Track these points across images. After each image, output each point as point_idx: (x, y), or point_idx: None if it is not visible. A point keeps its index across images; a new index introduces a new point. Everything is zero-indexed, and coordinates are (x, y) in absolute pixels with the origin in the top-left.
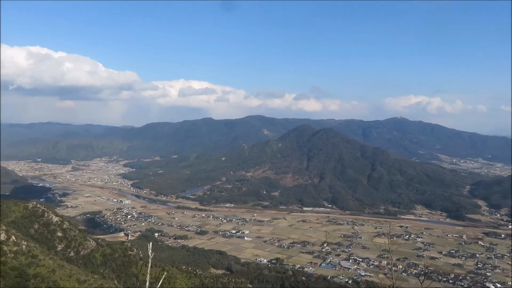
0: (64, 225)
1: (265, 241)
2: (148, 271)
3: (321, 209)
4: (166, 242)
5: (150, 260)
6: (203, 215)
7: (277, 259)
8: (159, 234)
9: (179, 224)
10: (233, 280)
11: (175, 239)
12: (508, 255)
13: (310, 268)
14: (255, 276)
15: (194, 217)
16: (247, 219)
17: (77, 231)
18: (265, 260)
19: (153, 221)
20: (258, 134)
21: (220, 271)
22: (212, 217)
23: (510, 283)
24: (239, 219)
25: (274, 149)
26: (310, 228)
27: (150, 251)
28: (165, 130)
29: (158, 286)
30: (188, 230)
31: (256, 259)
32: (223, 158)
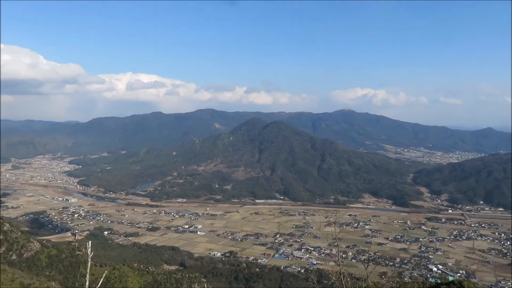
0: (5, 227)
1: (218, 235)
2: (88, 270)
3: (273, 201)
4: (117, 240)
5: (89, 259)
6: (155, 211)
7: (230, 252)
8: (109, 232)
9: (129, 221)
10: (187, 275)
11: (125, 236)
12: (448, 238)
13: (264, 260)
14: (209, 270)
15: (145, 213)
16: (200, 214)
17: (19, 233)
18: (219, 254)
19: (102, 219)
20: (209, 128)
21: (173, 267)
22: (164, 213)
23: (451, 264)
24: (191, 214)
25: (226, 142)
26: (263, 220)
27: (89, 249)
28: (113, 125)
29: (99, 286)
30: (139, 227)
31: (209, 253)
32: (174, 153)
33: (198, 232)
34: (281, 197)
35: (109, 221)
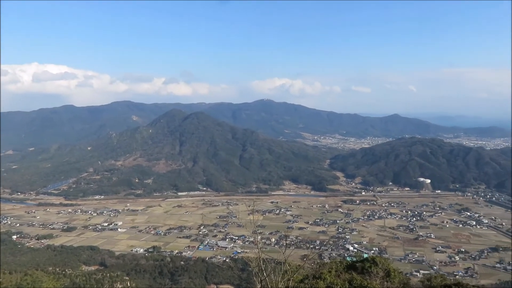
0: None
1: (140, 231)
2: None
3: (196, 192)
4: (28, 244)
5: None
6: (70, 210)
7: (154, 247)
8: (18, 236)
9: (42, 222)
10: (108, 274)
11: (38, 239)
12: (362, 218)
13: (189, 252)
14: (131, 267)
15: (59, 213)
16: (120, 210)
17: None
18: (142, 250)
19: (9, 222)
20: (127, 121)
21: (93, 268)
22: (80, 212)
23: (365, 242)
24: (110, 211)
25: (145, 135)
26: (186, 212)
27: None
28: (18, 120)
29: None
30: (53, 228)
31: (131, 250)
32: (89, 148)
33: (119, 229)
34: (204, 189)
35: (18, 224)
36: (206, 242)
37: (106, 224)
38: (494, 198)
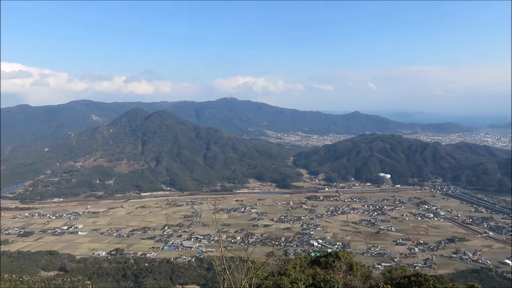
0: None
1: (102, 233)
2: None
3: (160, 192)
4: None
5: None
6: (27, 214)
7: (116, 249)
8: None
9: None
10: (69, 279)
11: None
12: (326, 214)
13: (153, 253)
14: (93, 271)
15: (14, 218)
16: (80, 213)
17: None
18: (104, 253)
19: None
20: (86, 120)
21: (52, 273)
22: (38, 215)
23: (329, 237)
24: (70, 214)
25: (105, 135)
26: (149, 213)
27: None
28: None
29: None
30: (9, 234)
31: (93, 254)
32: (46, 149)
33: (79, 232)
34: (168, 188)
35: None
36: (171, 242)
37: (65, 227)
38: (450, 191)
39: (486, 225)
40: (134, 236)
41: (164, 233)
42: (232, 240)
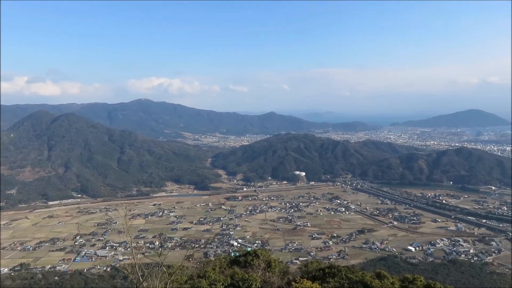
0: None
1: (4, 248)
2: None
3: (70, 200)
4: None
5: None
6: None
7: (21, 264)
8: None
9: None
10: None
11: None
12: (245, 213)
13: (63, 266)
14: None
15: None
16: None
17: None
18: (7, 269)
19: None
20: None
21: None
22: None
23: (248, 236)
24: None
25: (5, 140)
26: (59, 223)
27: None
28: None
29: None
30: None
31: None
32: None
33: None
34: (79, 196)
35: None
36: (84, 252)
37: None
38: (359, 186)
39: (391, 216)
40: (42, 248)
41: (76, 243)
42: (150, 246)
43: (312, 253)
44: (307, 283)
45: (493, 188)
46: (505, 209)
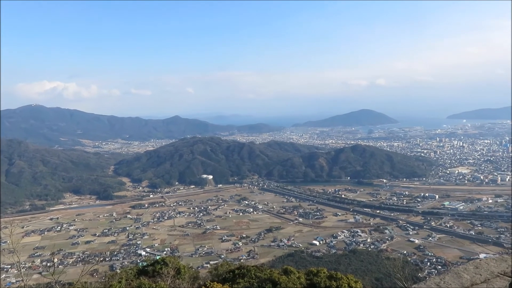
0: None
1: None
2: None
3: None
4: None
5: None
6: None
7: None
8: None
9: None
10: None
11: None
12: (152, 221)
13: None
14: None
15: None
16: None
17: None
18: None
19: None
20: None
21: None
22: None
23: (157, 244)
24: None
25: None
26: None
27: None
28: None
29: None
30: None
31: None
32: None
33: None
34: None
35: None
36: None
37: None
38: (265, 186)
39: (296, 213)
40: None
41: None
42: (48, 264)
43: (222, 256)
44: (217, 286)
45: (384, 180)
46: (395, 199)
